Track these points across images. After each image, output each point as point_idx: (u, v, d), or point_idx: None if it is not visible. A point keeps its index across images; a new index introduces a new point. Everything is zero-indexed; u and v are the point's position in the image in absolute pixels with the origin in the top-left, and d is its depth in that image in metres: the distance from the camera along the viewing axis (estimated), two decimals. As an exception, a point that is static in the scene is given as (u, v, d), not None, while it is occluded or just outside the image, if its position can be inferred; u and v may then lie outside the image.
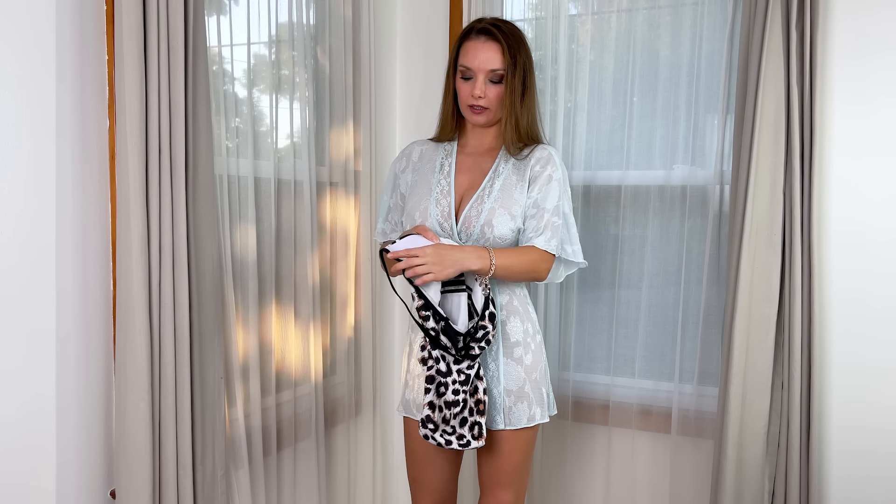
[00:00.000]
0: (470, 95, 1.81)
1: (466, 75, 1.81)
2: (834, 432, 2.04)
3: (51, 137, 1.51)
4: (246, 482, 1.92)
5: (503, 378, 1.82)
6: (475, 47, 1.80)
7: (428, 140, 2.00)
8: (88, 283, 1.60)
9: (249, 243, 1.97)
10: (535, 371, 1.85)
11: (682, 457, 2.24)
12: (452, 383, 1.74)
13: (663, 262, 2.26)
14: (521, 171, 1.85)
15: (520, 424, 1.82)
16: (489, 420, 1.81)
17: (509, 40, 1.79)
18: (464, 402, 1.74)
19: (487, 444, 1.83)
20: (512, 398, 1.82)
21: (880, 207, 1.97)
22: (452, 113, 1.91)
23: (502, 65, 1.79)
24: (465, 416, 1.74)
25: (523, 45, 1.83)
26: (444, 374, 1.75)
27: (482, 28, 1.80)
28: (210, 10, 1.85)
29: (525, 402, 1.82)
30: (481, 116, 1.84)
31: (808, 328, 1.95)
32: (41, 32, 1.48)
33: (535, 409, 1.84)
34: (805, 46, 1.90)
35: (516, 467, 1.85)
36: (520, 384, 1.83)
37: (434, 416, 1.76)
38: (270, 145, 2.06)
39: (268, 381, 2.05)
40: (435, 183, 1.88)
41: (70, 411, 1.58)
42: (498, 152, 1.90)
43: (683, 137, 2.21)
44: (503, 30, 1.80)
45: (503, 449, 1.83)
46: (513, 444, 1.83)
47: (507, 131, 1.83)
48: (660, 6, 2.23)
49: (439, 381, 1.75)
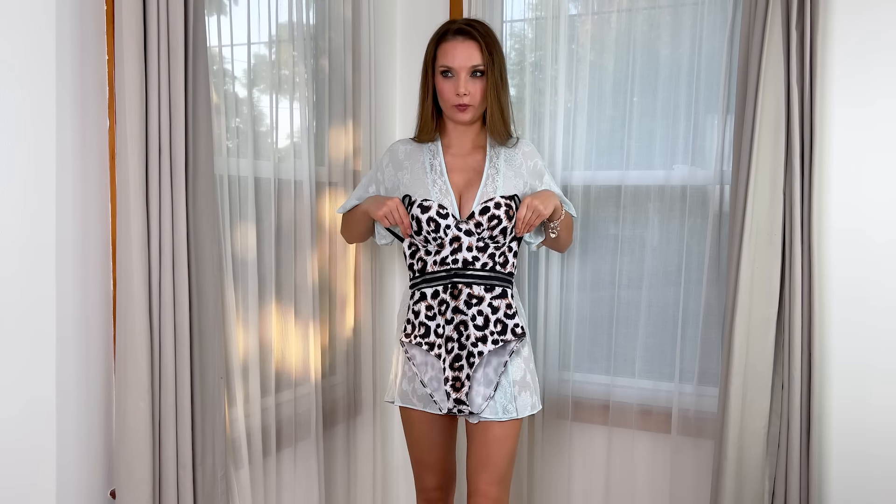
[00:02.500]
0: (454, 94, 1.88)
1: (448, 74, 1.89)
2: (834, 432, 2.04)
3: (51, 137, 1.50)
4: (246, 482, 1.92)
5: (511, 369, 1.92)
6: (454, 47, 1.87)
7: (410, 140, 2.06)
8: (88, 284, 1.60)
9: (249, 243, 1.97)
10: (530, 362, 1.98)
11: (682, 457, 2.24)
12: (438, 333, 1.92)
13: (663, 262, 2.26)
14: (515, 167, 1.97)
15: (525, 412, 1.93)
16: (501, 410, 1.90)
17: (486, 38, 1.88)
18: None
19: (481, 431, 1.92)
20: (517, 388, 1.92)
21: (880, 207, 1.97)
22: (432, 114, 1.98)
23: (482, 60, 1.87)
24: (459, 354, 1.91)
25: (497, 42, 1.92)
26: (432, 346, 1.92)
27: (458, 28, 1.89)
28: (210, 10, 1.85)
29: (527, 391, 1.94)
30: (466, 114, 1.91)
31: (809, 328, 1.95)
32: (41, 32, 1.48)
33: (535, 398, 1.97)
34: (805, 46, 1.90)
35: (506, 454, 1.92)
36: (522, 374, 1.94)
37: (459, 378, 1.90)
38: (270, 145, 2.06)
39: (268, 381, 2.05)
40: (431, 183, 1.94)
41: (70, 411, 1.58)
42: (484, 150, 1.99)
43: (683, 137, 2.21)
44: (478, 28, 1.89)
45: (498, 434, 1.91)
46: (507, 430, 1.92)
47: (496, 122, 1.93)
48: (660, 6, 2.23)
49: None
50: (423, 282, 1.94)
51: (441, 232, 1.89)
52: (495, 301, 1.89)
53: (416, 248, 1.95)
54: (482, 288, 1.89)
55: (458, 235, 1.89)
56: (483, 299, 1.89)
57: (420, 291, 1.94)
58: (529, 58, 2.42)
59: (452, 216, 1.89)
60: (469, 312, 1.89)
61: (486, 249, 1.90)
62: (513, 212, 1.89)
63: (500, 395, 1.90)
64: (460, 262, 1.89)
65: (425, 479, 2.06)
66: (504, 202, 1.89)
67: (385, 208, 1.88)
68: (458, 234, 1.89)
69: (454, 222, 1.89)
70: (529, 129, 2.39)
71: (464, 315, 1.89)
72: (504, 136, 1.95)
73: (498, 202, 1.88)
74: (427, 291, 1.93)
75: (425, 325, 1.93)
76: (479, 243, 1.89)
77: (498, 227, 1.88)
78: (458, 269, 1.90)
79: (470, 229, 1.89)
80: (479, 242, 1.89)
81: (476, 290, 1.89)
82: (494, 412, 1.90)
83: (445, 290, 1.91)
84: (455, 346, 1.89)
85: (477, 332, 1.88)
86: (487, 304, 1.89)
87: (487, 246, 1.90)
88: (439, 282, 1.92)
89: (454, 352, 1.89)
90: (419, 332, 1.94)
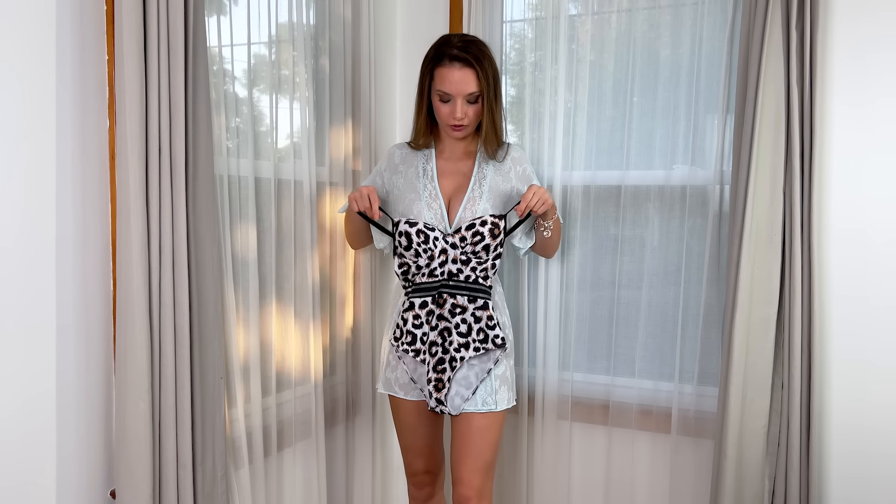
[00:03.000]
0: (451, 116, 1.96)
1: (445, 98, 1.96)
2: (834, 432, 2.04)
3: (51, 137, 1.51)
4: (246, 482, 1.92)
5: (496, 366, 2.02)
6: (451, 73, 1.92)
7: (406, 144, 2.13)
8: (88, 284, 1.60)
9: (249, 243, 1.97)
10: (511, 358, 2.08)
11: (682, 457, 2.24)
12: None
13: (663, 262, 2.26)
14: (504, 171, 2.06)
15: (502, 406, 2.02)
16: (481, 402, 2.00)
17: (481, 63, 1.93)
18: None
19: (463, 421, 2.01)
20: (498, 382, 2.02)
21: (880, 207, 1.97)
22: (426, 124, 2.06)
23: (478, 87, 1.94)
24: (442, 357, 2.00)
25: (491, 61, 1.97)
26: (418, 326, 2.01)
27: (454, 56, 1.92)
28: (210, 10, 1.85)
29: (506, 386, 2.04)
30: (460, 133, 2.01)
31: (808, 328, 1.95)
32: (41, 32, 1.48)
33: (511, 393, 2.06)
34: (805, 46, 1.90)
35: (489, 444, 2.01)
36: (503, 370, 2.04)
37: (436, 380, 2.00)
38: (270, 145, 2.06)
39: (268, 381, 2.05)
40: (422, 188, 2.03)
41: (70, 411, 1.58)
42: (474, 156, 2.09)
43: (683, 137, 2.21)
44: (474, 53, 1.93)
45: (481, 424, 2.00)
46: (489, 421, 2.01)
47: (489, 139, 2.00)
48: (660, 6, 2.23)
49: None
50: (414, 292, 2.02)
51: (431, 243, 1.97)
52: (478, 312, 1.98)
53: (406, 262, 2.02)
54: (465, 299, 1.99)
55: (445, 248, 1.98)
56: (466, 309, 1.98)
57: (410, 301, 2.02)
58: (529, 58, 2.42)
59: (439, 230, 1.98)
60: (453, 320, 1.98)
61: (468, 262, 1.98)
62: (498, 231, 1.97)
63: (481, 389, 2.00)
64: (446, 274, 1.98)
65: (413, 464, 2.16)
66: (491, 220, 1.97)
67: (355, 192, 1.98)
68: (445, 247, 1.97)
69: (441, 235, 1.97)
70: (529, 129, 2.39)
71: (448, 322, 1.98)
72: (495, 148, 2.03)
73: (485, 220, 1.96)
74: (416, 301, 2.01)
75: (412, 334, 2.01)
76: (462, 256, 1.98)
77: (480, 243, 1.96)
78: (444, 281, 1.99)
79: (455, 242, 1.97)
80: (462, 256, 1.98)
81: (460, 300, 1.98)
82: (474, 404, 2.00)
83: (434, 300, 2.00)
84: (439, 351, 1.98)
85: (460, 338, 1.98)
86: (470, 313, 1.98)
87: (469, 259, 1.98)
88: (428, 293, 2.00)
89: (437, 355, 1.99)
90: (406, 340, 2.03)
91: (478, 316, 1.98)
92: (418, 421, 2.11)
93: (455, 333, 1.98)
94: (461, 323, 1.98)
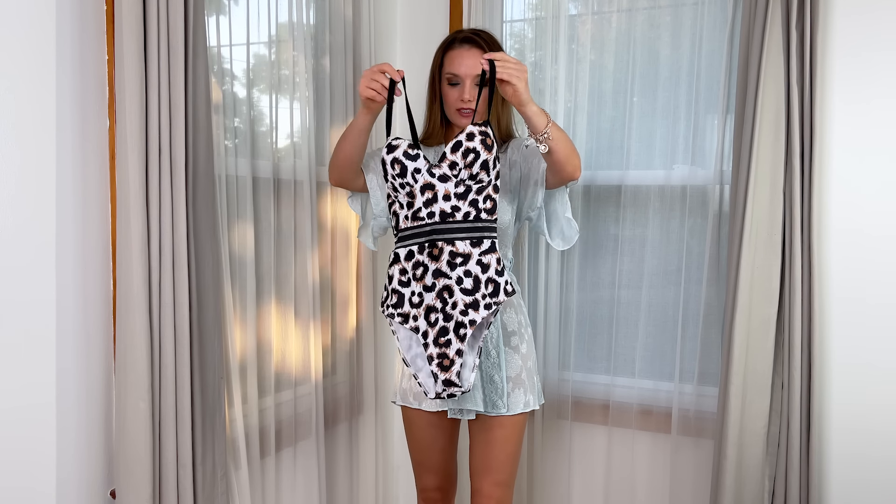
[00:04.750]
0: (459, 100, 1.89)
1: (453, 81, 1.90)
2: (834, 432, 2.04)
3: (51, 137, 1.50)
4: (246, 482, 1.92)
5: (504, 365, 1.88)
6: (460, 55, 1.89)
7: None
8: (88, 283, 1.60)
9: (248, 243, 1.97)
10: (529, 360, 1.93)
11: (682, 457, 2.24)
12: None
13: (663, 262, 2.26)
14: (507, 160, 1.97)
15: (516, 410, 1.88)
16: (490, 405, 1.86)
17: (490, 47, 1.90)
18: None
19: (482, 431, 1.89)
20: (510, 385, 1.89)
21: (880, 207, 1.97)
22: (441, 120, 1.98)
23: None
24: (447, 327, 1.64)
25: (501, 50, 1.91)
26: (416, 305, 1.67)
27: (464, 37, 1.92)
28: (210, 10, 1.85)
29: (521, 388, 1.90)
30: (468, 118, 1.91)
31: (808, 328, 1.95)
32: (41, 32, 1.48)
33: (529, 397, 1.91)
34: (805, 46, 1.90)
35: (509, 455, 1.90)
36: (517, 371, 1.90)
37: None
38: (270, 145, 2.06)
39: (267, 381, 2.05)
40: None
41: (70, 411, 1.58)
42: None
43: (683, 137, 2.21)
44: (483, 38, 1.92)
45: (498, 435, 1.89)
46: (508, 431, 1.89)
47: (498, 129, 1.94)
48: (660, 6, 2.23)
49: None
50: (399, 240, 1.69)
51: (409, 177, 1.64)
52: (485, 257, 1.62)
53: (394, 201, 1.71)
54: (468, 243, 1.62)
55: (430, 182, 1.63)
56: (470, 256, 1.62)
57: (394, 252, 1.69)
58: (529, 58, 2.42)
59: (424, 158, 1.65)
60: (453, 275, 1.61)
61: (466, 195, 1.63)
62: (490, 140, 1.63)
63: (490, 390, 1.85)
64: (437, 215, 1.63)
65: (425, 480, 2.04)
66: (478, 130, 1.63)
67: (364, 78, 1.68)
68: (431, 181, 1.63)
69: (425, 166, 1.64)
70: (529, 128, 2.39)
71: (447, 279, 1.62)
72: (498, 143, 1.88)
73: (471, 133, 1.63)
74: (401, 253, 1.67)
75: (398, 293, 1.67)
76: (457, 188, 1.63)
77: (476, 161, 1.61)
78: (435, 224, 1.64)
79: (444, 174, 1.63)
80: (459, 187, 1.63)
81: (460, 246, 1.62)
82: (479, 404, 1.82)
83: (422, 250, 1.64)
84: (440, 318, 1.62)
85: (465, 297, 1.61)
86: (476, 261, 1.62)
87: (469, 190, 1.63)
88: (415, 240, 1.66)
89: (439, 324, 1.62)
90: (391, 302, 1.68)
91: (485, 263, 1.61)
92: (433, 437, 1.98)
93: (458, 291, 1.61)
94: (464, 276, 1.60)
